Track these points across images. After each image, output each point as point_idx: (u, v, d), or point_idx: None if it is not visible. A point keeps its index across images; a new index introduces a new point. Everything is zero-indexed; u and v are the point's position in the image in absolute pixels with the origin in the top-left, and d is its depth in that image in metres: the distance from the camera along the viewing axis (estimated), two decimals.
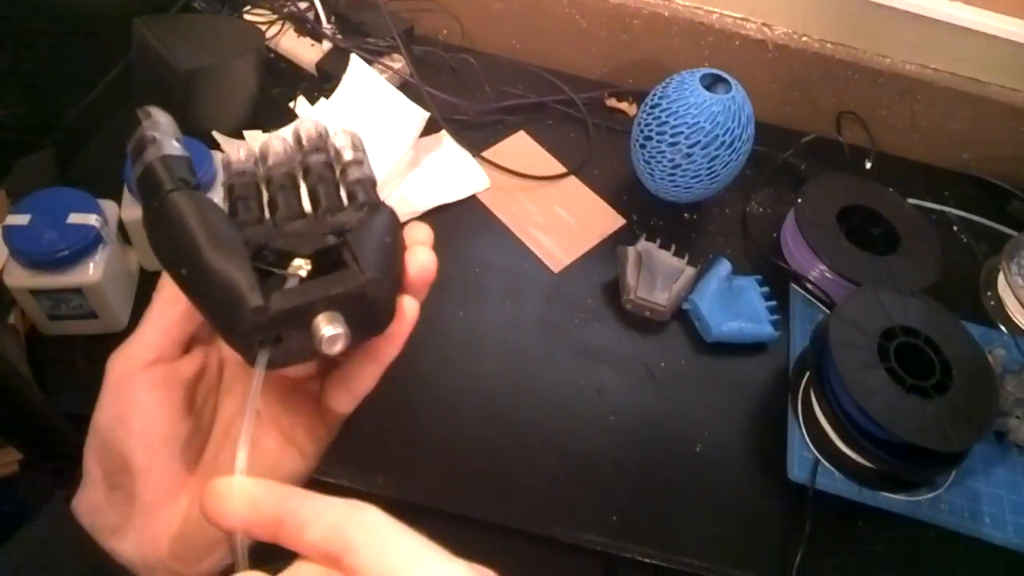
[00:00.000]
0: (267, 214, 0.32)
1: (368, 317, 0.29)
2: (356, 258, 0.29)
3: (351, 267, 0.28)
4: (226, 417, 0.33)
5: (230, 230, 0.29)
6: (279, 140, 0.34)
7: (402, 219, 0.33)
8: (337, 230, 0.31)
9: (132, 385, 0.30)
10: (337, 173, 0.34)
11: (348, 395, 0.33)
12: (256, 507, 0.25)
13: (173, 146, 0.30)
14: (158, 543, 0.30)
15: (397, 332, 0.30)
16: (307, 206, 0.32)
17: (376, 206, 0.32)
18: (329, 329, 0.27)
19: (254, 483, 0.25)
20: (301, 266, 0.29)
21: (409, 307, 0.30)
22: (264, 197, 0.32)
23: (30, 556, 0.29)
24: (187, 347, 0.33)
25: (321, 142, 0.34)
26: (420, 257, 0.31)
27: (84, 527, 0.29)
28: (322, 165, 0.33)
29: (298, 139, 0.34)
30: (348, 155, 0.34)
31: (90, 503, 0.30)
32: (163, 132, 0.31)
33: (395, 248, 0.31)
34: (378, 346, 0.31)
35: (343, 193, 0.33)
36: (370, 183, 0.33)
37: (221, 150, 0.73)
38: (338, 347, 0.27)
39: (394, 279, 0.30)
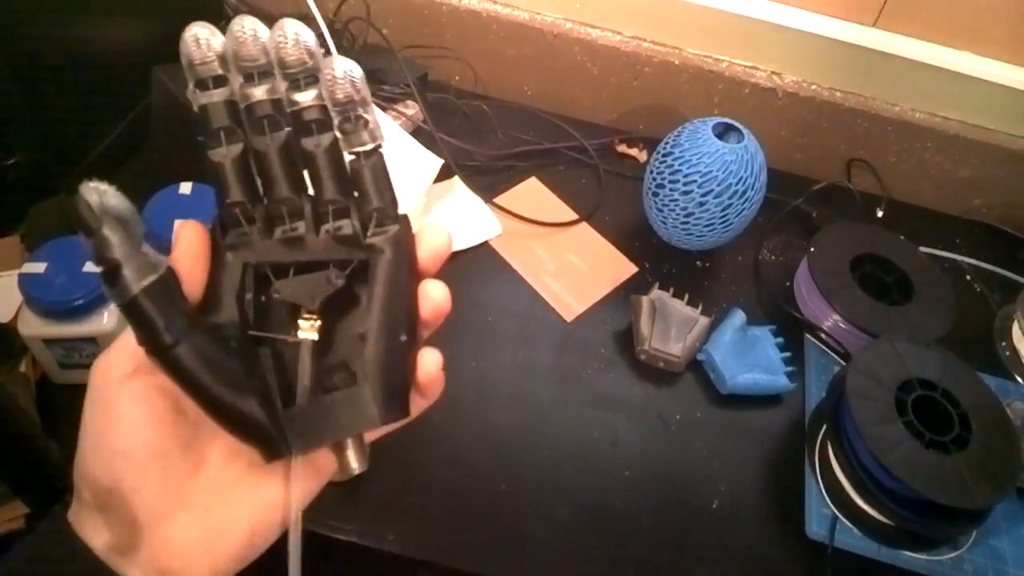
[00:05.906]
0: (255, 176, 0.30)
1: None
2: (373, 385, 0.29)
3: (368, 401, 0.29)
4: None
5: (238, 369, 0.29)
6: (256, 45, 0.29)
7: None
8: (343, 261, 0.30)
9: (114, 399, 0.28)
10: (335, 125, 0.30)
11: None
12: None
13: (143, 261, 0.27)
14: (167, 557, 0.28)
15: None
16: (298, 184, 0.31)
17: (387, 235, 0.31)
18: (355, 467, 0.29)
19: None
20: (310, 328, 0.30)
21: (418, 410, 0.33)
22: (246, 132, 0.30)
23: (32, 565, 0.28)
24: None
25: (311, 67, 0.29)
26: (429, 366, 0.32)
27: (84, 543, 0.28)
28: (320, 124, 0.30)
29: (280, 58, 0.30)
30: (343, 97, 0.30)
31: (88, 523, 0.28)
32: (124, 241, 0.27)
33: (411, 347, 0.31)
34: None
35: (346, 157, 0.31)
36: (382, 170, 0.32)
37: None
38: (356, 473, 0.30)
39: (407, 378, 0.31)
